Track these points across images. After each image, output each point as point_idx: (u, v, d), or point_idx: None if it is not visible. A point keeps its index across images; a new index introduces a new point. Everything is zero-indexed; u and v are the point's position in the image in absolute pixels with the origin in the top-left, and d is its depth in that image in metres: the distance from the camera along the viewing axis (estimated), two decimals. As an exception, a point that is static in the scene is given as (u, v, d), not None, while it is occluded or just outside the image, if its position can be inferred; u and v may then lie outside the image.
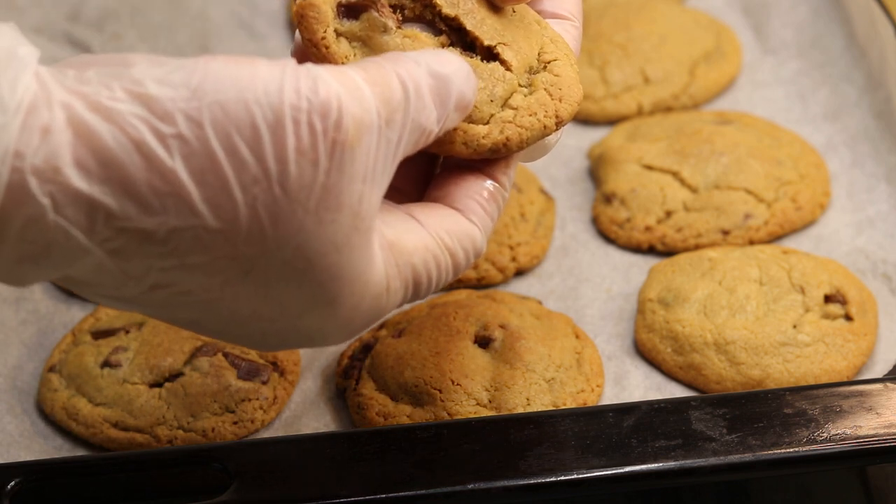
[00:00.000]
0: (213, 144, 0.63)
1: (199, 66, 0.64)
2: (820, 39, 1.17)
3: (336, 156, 0.65)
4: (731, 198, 1.01)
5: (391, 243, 0.70)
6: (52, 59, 1.19)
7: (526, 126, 0.75)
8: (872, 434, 0.80)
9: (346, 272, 0.67)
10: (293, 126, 0.64)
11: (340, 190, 0.65)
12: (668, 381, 0.91)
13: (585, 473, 0.78)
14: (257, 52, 1.20)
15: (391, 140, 0.67)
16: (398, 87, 0.68)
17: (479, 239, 0.74)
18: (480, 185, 0.75)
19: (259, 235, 0.65)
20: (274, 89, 0.64)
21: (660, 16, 1.17)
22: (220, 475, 0.78)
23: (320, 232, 0.66)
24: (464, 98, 0.71)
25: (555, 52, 0.78)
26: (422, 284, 0.72)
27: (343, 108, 0.65)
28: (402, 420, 0.87)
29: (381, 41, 0.73)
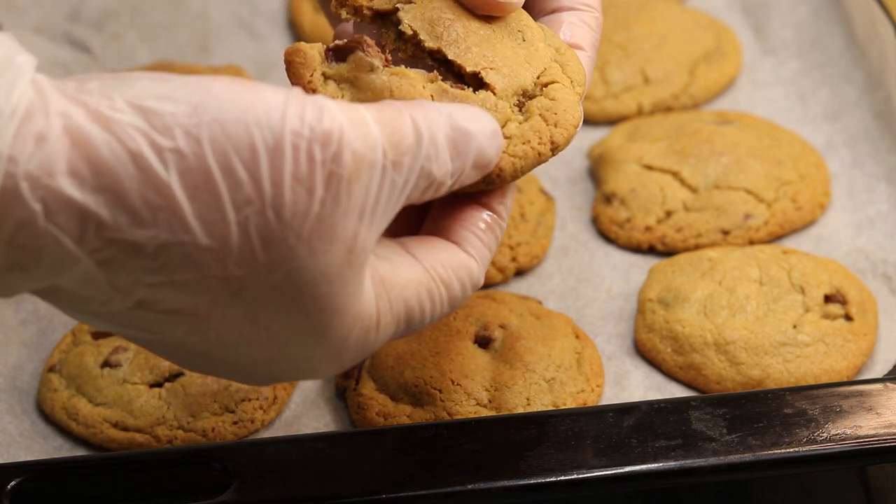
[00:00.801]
0: (209, 162, 0.63)
1: (202, 85, 0.64)
2: (820, 39, 1.17)
3: (332, 187, 0.65)
4: (731, 198, 1.01)
5: (384, 278, 0.69)
6: (53, 59, 1.20)
7: (519, 155, 0.74)
8: (872, 434, 0.80)
9: (336, 304, 0.67)
10: (292, 152, 0.64)
11: (335, 222, 0.65)
12: (668, 381, 0.91)
13: (585, 473, 0.78)
14: (257, 52, 1.20)
15: (396, 183, 0.67)
16: (410, 131, 0.68)
17: (475, 271, 0.73)
18: (477, 217, 0.74)
19: (249, 257, 0.65)
20: (276, 113, 0.64)
21: (660, 16, 1.17)
22: (220, 475, 0.78)
23: (312, 261, 0.65)
24: (484, 156, 0.71)
25: (556, 74, 0.77)
26: (414, 319, 0.71)
27: (344, 140, 0.65)
28: (402, 420, 0.87)
29: (368, 80, 0.73)
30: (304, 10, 1.21)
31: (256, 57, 1.20)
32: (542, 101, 0.75)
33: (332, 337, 0.68)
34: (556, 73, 0.77)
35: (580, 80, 0.78)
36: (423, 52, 0.76)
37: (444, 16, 0.76)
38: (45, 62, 1.19)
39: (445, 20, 0.76)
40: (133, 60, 1.19)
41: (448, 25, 0.76)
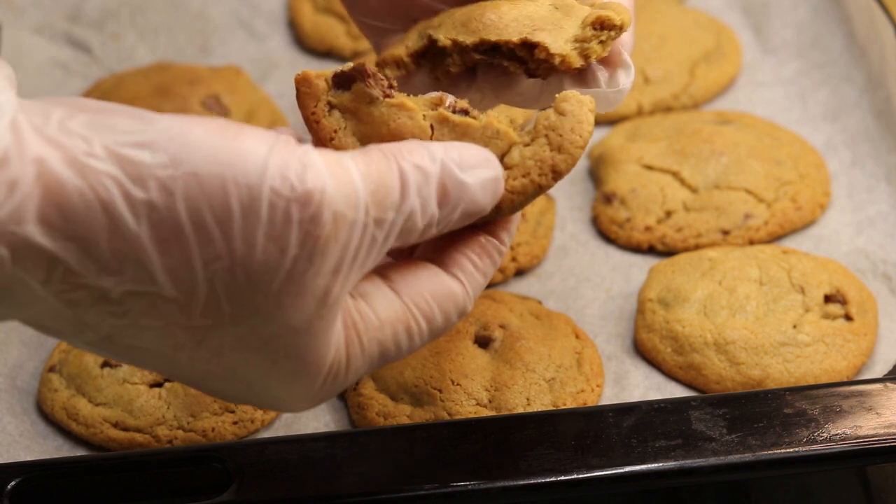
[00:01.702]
0: (181, 216, 0.62)
1: (184, 131, 0.62)
2: (820, 39, 1.17)
3: (307, 247, 0.64)
4: (731, 198, 1.01)
5: (358, 321, 0.68)
6: (53, 59, 1.20)
7: (518, 191, 0.72)
8: (872, 434, 0.80)
9: (303, 353, 0.66)
10: (268, 210, 0.62)
11: (306, 279, 0.64)
12: (668, 381, 0.91)
13: (585, 473, 0.78)
14: (257, 52, 1.20)
15: (377, 238, 0.66)
16: (397, 186, 0.66)
17: (461, 299, 0.71)
18: (475, 241, 0.72)
19: (215, 310, 0.64)
20: (256, 170, 0.62)
21: (660, 16, 1.17)
22: (220, 475, 0.78)
23: (279, 315, 0.65)
24: (475, 205, 0.69)
25: (598, 13, 0.76)
26: (389, 355, 0.70)
27: (325, 201, 0.63)
28: (402, 420, 0.87)
29: (367, 112, 0.72)
30: (304, 11, 1.21)
31: (256, 57, 1.20)
32: (549, 117, 0.72)
33: (299, 382, 0.68)
34: (599, 12, 0.76)
35: (626, 18, 0.76)
36: (468, 53, 0.75)
37: (474, 13, 0.76)
38: (45, 62, 1.19)
39: (476, 15, 0.76)
40: (133, 60, 1.19)
41: (480, 17, 0.76)
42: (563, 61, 0.75)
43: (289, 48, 1.22)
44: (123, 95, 1.11)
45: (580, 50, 0.75)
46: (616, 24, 0.76)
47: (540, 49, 0.75)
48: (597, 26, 0.76)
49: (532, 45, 0.75)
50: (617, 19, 0.76)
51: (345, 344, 0.68)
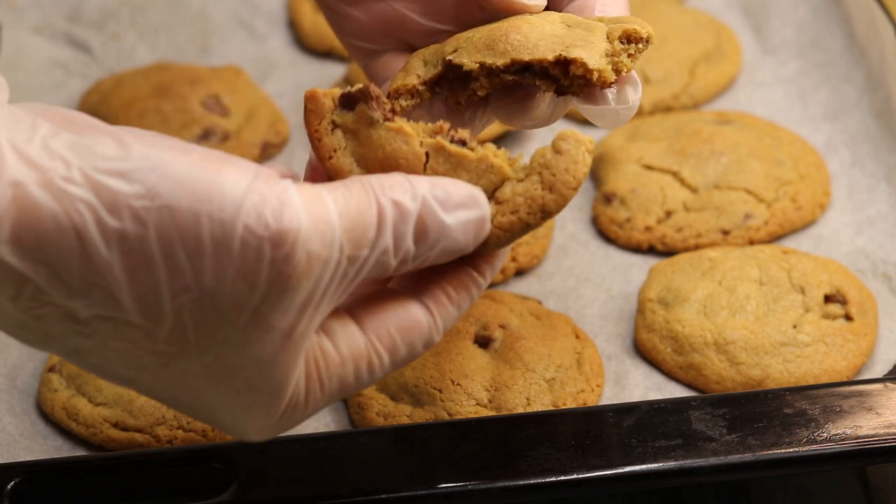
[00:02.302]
0: (152, 247, 0.62)
1: (164, 161, 0.62)
2: (820, 39, 1.17)
3: (278, 285, 0.63)
4: (731, 198, 1.01)
5: (319, 358, 0.68)
6: (53, 59, 1.20)
7: (505, 227, 0.71)
8: (872, 434, 0.80)
9: (265, 386, 0.66)
10: (240, 248, 0.62)
11: (274, 316, 0.64)
12: (668, 381, 0.91)
13: (585, 473, 0.78)
14: (257, 52, 1.20)
15: (348, 274, 0.66)
16: (373, 223, 0.66)
17: (427, 331, 0.70)
18: (454, 272, 0.71)
19: (181, 339, 0.64)
20: (232, 206, 0.62)
21: (660, 16, 1.17)
22: (220, 475, 0.78)
23: (245, 348, 0.65)
24: (455, 245, 0.69)
25: (622, 27, 0.76)
26: (349, 389, 0.70)
27: (300, 240, 0.63)
28: (402, 420, 0.87)
29: (367, 134, 0.72)
30: (304, 11, 1.21)
31: (256, 57, 1.20)
32: (545, 155, 0.71)
33: (259, 413, 0.68)
34: (625, 26, 0.76)
35: (651, 30, 0.76)
36: (497, 75, 0.75)
37: (495, 35, 0.75)
38: (45, 62, 1.19)
39: (499, 37, 0.75)
40: (133, 60, 1.19)
41: (505, 39, 0.75)
42: (600, 76, 0.74)
43: (289, 48, 1.22)
44: (123, 95, 1.11)
45: (612, 65, 0.75)
46: (643, 36, 0.76)
47: (577, 65, 0.74)
48: (624, 40, 0.76)
49: (567, 62, 0.74)
50: (643, 32, 0.76)
51: (305, 379, 0.68)
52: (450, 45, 0.77)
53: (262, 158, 1.10)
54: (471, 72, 0.75)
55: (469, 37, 0.76)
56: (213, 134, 1.09)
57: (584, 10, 0.79)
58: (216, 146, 1.08)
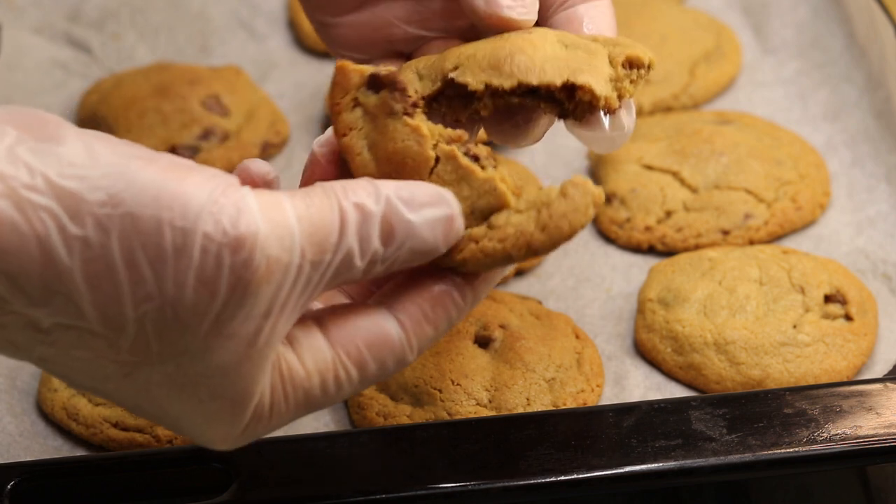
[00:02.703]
0: (114, 255, 0.62)
1: (130, 169, 0.62)
2: (820, 39, 1.17)
3: (238, 291, 0.63)
4: (731, 198, 1.01)
5: (285, 370, 0.67)
6: (53, 60, 1.20)
7: (488, 252, 0.70)
8: (872, 434, 0.80)
9: (229, 394, 0.66)
10: (200, 255, 0.62)
11: (236, 322, 0.64)
12: (668, 381, 0.91)
13: (585, 473, 0.78)
14: (257, 52, 1.20)
15: (312, 279, 0.65)
16: (336, 227, 0.65)
17: (399, 350, 0.69)
18: (433, 291, 0.70)
19: (143, 347, 0.64)
20: (192, 213, 0.62)
21: (660, 16, 1.17)
22: (220, 475, 0.78)
23: (207, 356, 0.65)
24: (424, 245, 0.68)
25: (623, 52, 0.75)
26: (316, 403, 0.69)
27: (258, 245, 0.63)
28: (402, 420, 0.87)
29: (384, 123, 0.72)
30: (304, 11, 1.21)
31: (256, 57, 1.20)
32: (551, 195, 0.70)
33: (223, 422, 0.67)
34: (627, 52, 0.75)
35: (652, 55, 0.76)
36: (502, 97, 0.74)
37: (499, 55, 0.74)
38: (45, 62, 1.19)
39: (503, 57, 0.74)
40: (133, 60, 1.19)
41: (510, 60, 0.74)
42: (606, 102, 0.73)
43: (289, 48, 1.22)
44: (123, 95, 1.11)
45: (615, 90, 0.74)
46: (645, 63, 0.75)
47: (584, 91, 0.73)
48: (626, 65, 0.75)
49: (574, 86, 0.73)
50: (645, 58, 0.75)
51: (270, 390, 0.67)
52: (449, 61, 0.75)
53: (262, 158, 1.10)
54: (474, 91, 0.74)
55: (470, 54, 0.75)
56: (213, 134, 1.09)
57: (571, 22, 0.79)
58: (216, 146, 1.08)
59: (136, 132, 1.09)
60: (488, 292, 0.72)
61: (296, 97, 1.16)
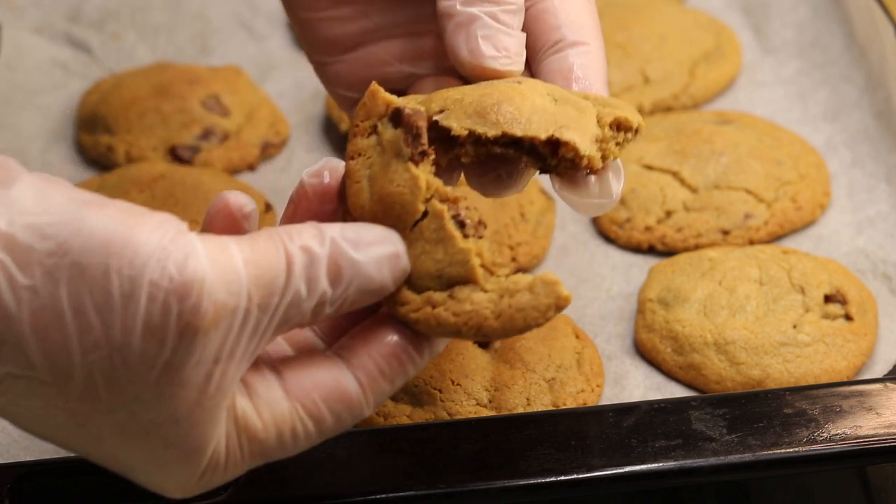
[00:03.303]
0: (62, 304, 0.62)
1: (80, 216, 0.62)
2: (820, 39, 1.17)
3: (186, 337, 0.63)
4: (731, 198, 1.01)
5: (240, 419, 0.67)
6: (53, 59, 1.20)
7: (440, 321, 0.69)
8: (872, 434, 0.80)
9: (182, 443, 0.66)
10: (147, 302, 0.62)
11: (186, 369, 0.64)
12: (668, 381, 0.91)
13: (585, 473, 0.78)
14: (257, 52, 1.20)
15: (261, 323, 0.65)
16: (282, 270, 0.65)
17: (357, 404, 0.69)
18: (390, 346, 0.70)
19: (93, 395, 0.64)
20: (140, 261, 0.62)
21: (660, 16, 1.17)
22: (220, 475, 0.78)
23: (159, 403, 0.64)
24: (371, 283, 0.68)
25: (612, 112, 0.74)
26: (273, 455, 0.69)
27: (205, 291, 0.63)
28: (402, 420, 0.87)
29: (389, 160, 0.71)
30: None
31: (256, 57, 1.20)
32: (519, 283, 0.69)
33: (178, 471, 0.67)
34: (616, 113, 0.74)
35: (641, 119, 0.74)
36: (484, 145, 0.72)
37: (486, 103, 0.72)
38: (45, 62, 1.19)
39: (490, 106, 0.72)
40: (133, 60, 1.19)
41: (496, 109, 0.72)
42: (588, 162, 0.72)
43: (289, 48, 1.22)
44: (123, 95, 1.11)
45: (600, 150, 0.73)
46: (633, 126, 0.74)
47: (568, 148, 0.72)
48: (614, 127, 0.74)
49: (558, 142, 0.72)
50: (634, 122, 0.74)
51: (225, 439, 0.67)
52: (435, 103, 0.74)
53: (262, 158, 1.10)
54: (458, 137, 0.72)
55: (458, 99, 0.73)
56: (213, 134, 1.09)
57: (561, 69, 0.77)
58: (216, 146, 1.08)
59: (136, 132, 1.09)
60: (444, 346, 0.72)
61: (296, 97, 1.16)
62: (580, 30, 0.78)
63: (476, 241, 0.70)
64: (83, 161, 1.11)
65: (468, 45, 0.76)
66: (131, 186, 1.02)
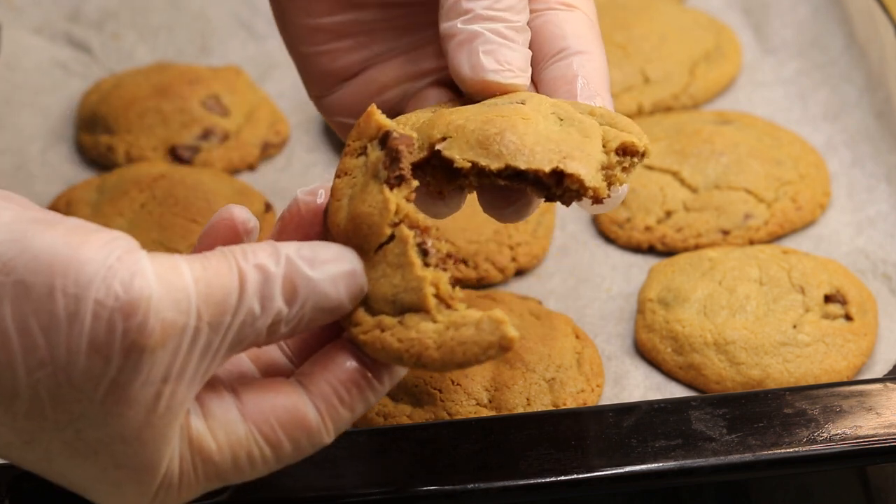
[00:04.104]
0: (7, 322, 0.62)
1: (27, 234, 0.62)
2: (820, 39, 1.17)
3: (133, 356, 0.63)
4: (731, 198, 1.01)
5: (194, 440, 0.66)
6: (53, 59, 1.20)
7: (385, 345, 0.68)
8: (872, 434, 0.80)
9: (132, 463, 0.65)
10: (92, 320, 0.62)
11: (133, 388, 0.63)
12: (668, 381, 0.91)
13: (585, 473, 0.78)
14: (257, 52, 1.20)
15: (212, 343, 0.65)
16: (235, 289, 0.65)
17: (316, 431, 0.68)
18: (350, 373, 0.69)
19: (39, 414, 0.64)
20: (84, 279, 0.62)
21: (660, 16, 1.17)
22: (220, 475, 0.78)
23: (106, 422, 0.64)
24: (328, 301, 0.67)
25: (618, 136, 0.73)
26: (229, 477, 0.68)
27: (152, 309, 0.62)
28: (402, 420, 0.87)
29: (368, 181, 0.70)
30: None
31: (256, 57, 1.20)
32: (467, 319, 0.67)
33: (130, 491, 0.67)
34: (623, 138, 0.73)
35: (647, 142, 0.73)
36: (488, 177, 0.71)
37: (489, 132, 0.71)
38: (45, 62, 1.19)
39: (492, 136, 0.71)
40: (133, 60, 1.19)
41: (499, 139, 0.71)
42: (594, 193, 0.71)
43: (288, 48, 1.21)
44: (123, 95, 1.11)
45: (606, 178, 0.72)
46: (640, 150, 0.73)
47: (573, 180, 0.71)
48: (620, 152, 0.73)
49: (563, 173, 0.71)
50: (640, 145, 0.73)
51: (179, 459, 0.66)
52: (437, 129, 0.73)
53: (261, 158, 1.10)
54: (461, 168, 0.71)
55: (460, 125, 0.72)
56: (213, 134, 1.09)
57: (566, 77, 0.76)
58: (216, 146, 1.08)
59: (136, 132, 1.09)
60: (404, 373, 0.71)
61: (296, 97, 1.16)
62: (583, 40, 0.77)
63: (435, 272, 0.68)
64: (83, 161, 1.11)
65: (470, 61, 0.75)
66: (131, 186, 1.02)
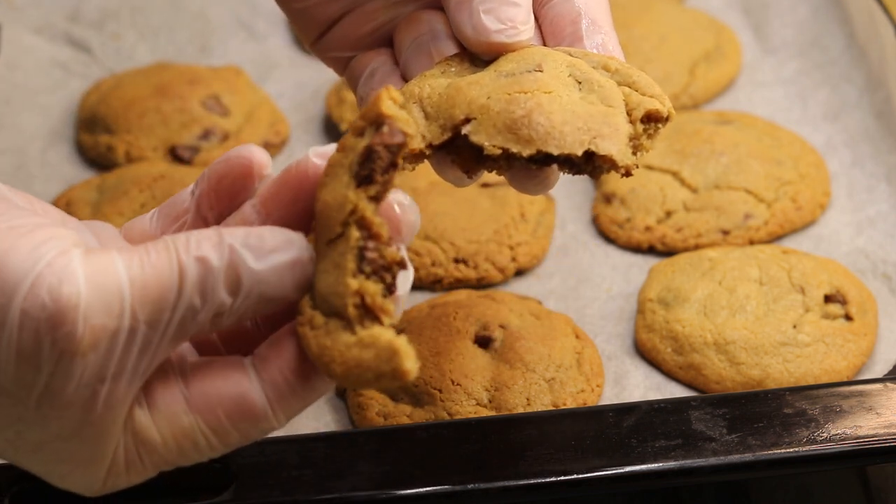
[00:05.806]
0: None
1: None
2: (820, 39, 1.17)
3: (63, 363, 0.62)
4: (731, 198, 1.01)
5: (138, 430, 0.66)
6: (53, 59, 1.20)
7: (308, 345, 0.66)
8: (872, 434, 0.80)
9: (75, 458, 0.65)
10: (19, 332, 0.61)
11: (66, 392, 0.63)
12: (668, 381, 0.91)
13: (585, 473, 0.78)
14: (257, 52, 1.20)
15: (151, 341, 0.64)
16: (174, 284, 0.63)
17: (263, 419, 0.66)
18: (300, 362, 0.67)
19: None
20: (10, 289, 0.61)
21: (660, 16, 1.17)
22: (220, 475, 0.78)
23: (43, 424, 0.64)
24: (273, 291, 0.65)
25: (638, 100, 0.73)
26: (178, 463, 0.67)
27: (80, 317, 0.61)
28: (402, 420, 0.87)
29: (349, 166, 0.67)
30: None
31: (256, 57, 1.20)
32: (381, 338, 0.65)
33: (79, 480, 0.66)
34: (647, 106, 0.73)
35: (670, 106, 0.73)
36: (517, 160, 0.71)
37: (515, 114, 0.70)
38: (45, 62, 1.19)
39: (520, 119, 0.70)
40: (133, 60, 1.19)
41: (527, 123, 0.70)
42: (626, 169, 0.71)
43: (289, 48, 1.22)
44: (123, 95, 1.11)
45: (633, 148, 0.72)
46: (664, 115, 0.73)
47: (604, 160, 0.71)
48: (644, 120, 0.73)
49: (594, 154, 0.70)
50: (664, 111, 0.73)
51: (124, 450, 0.66)
52: (459, 108, 0.72)
53: (262, 158, 1.10)
54: (490, 155, 0.71)
55: (483, 104, 0.71)
56: (213, 134, 1.09)
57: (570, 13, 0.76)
58: (216, 146, 1.08)
59: (135, 132, 1.09)
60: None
61: (296, 97, 1.16)
62: None
63: (365, 281, 0.66)
64: (83, 161, 1.11)
65: (472, 22, 0.74)
66: (131, 186, 1.02)
